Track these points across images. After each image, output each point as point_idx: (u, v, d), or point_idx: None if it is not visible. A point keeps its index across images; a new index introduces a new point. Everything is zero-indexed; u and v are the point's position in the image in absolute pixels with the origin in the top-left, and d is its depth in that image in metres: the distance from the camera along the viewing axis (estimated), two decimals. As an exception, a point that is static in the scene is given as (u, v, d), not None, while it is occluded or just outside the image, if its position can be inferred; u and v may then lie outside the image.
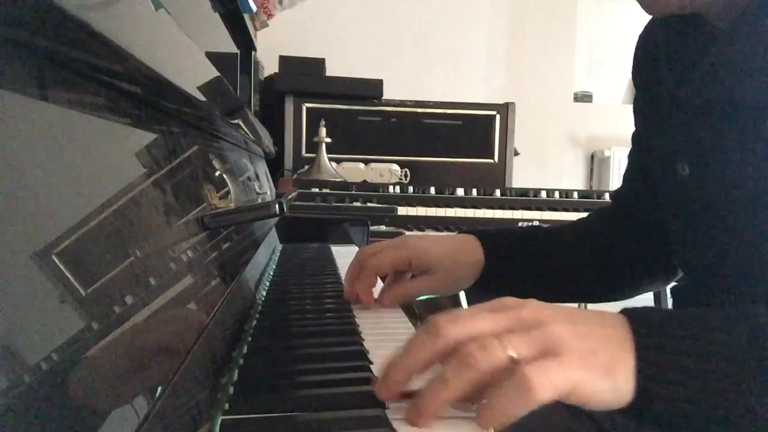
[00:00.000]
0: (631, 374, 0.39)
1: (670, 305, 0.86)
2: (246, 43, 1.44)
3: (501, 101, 2.20)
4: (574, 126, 2.91)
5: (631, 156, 0.83)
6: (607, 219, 0.86)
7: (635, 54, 0.77)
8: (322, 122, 1.86)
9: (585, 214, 0.94)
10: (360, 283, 0.67)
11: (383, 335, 0.58)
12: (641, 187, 0.79)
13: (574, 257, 0.82)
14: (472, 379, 0.37)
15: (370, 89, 2.10)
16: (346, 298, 0.68)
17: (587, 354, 0.38)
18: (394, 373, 0.40)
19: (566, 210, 1.78)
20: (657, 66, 0.69)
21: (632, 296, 0.85)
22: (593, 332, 0.40)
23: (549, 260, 0.80)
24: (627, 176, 0.85)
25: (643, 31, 0.76)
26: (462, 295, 1.46)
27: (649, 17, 0.72)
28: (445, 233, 1.63)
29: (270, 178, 1.32)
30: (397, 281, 0.70)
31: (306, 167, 1.89)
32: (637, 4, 0.59)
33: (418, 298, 0.76)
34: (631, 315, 0.42)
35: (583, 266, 0.82)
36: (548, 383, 0.36)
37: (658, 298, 1.86)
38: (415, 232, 1.62)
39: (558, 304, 0.42)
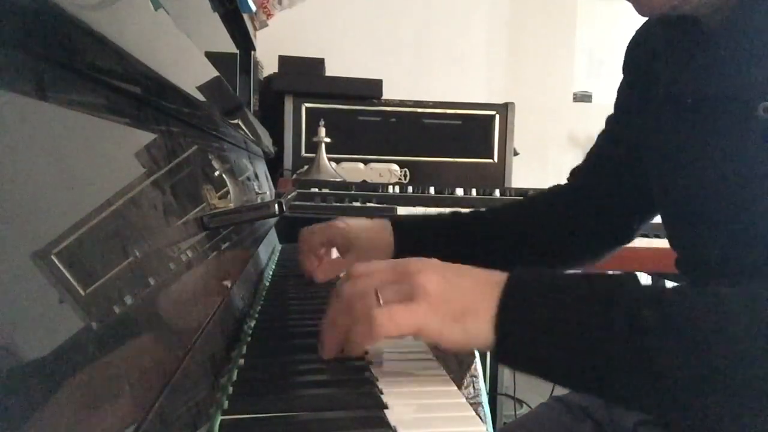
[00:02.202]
0: (485, 321, 0.45)
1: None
2: (245, 43, 1.44)
3: (500, 101, 2.20)
4: (573, 126, 2.90)
5: (602, 137, 0.86)
6: (558, 195, 0.90)
7: (629, 47, 0.78)
8: (322, 122, 1.85)
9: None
10: (308, 265, 0.80)
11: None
12: (601, 170, 0.84)
13: (487, 242, 0.86)
14: (349, 324, 0.47)
15: (370, 89, 2.09)
16: (309, 278, 0.80)
17: (440, 302, 0.45)
18: (328, 339, 0.49)
19: (566, 210, 1.77)
20: (652, 62, 0.69)
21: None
22: (458, 285, 0.46)
23: (457, 246, 0.85)
24: (592, 156, 0.88)
25: (641, 27, 0.77)
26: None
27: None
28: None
29: (269, 178, 1.32)
30: (323, 261, 0.82)
31: (305, 167, 1.88)
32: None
33: None
34: (511, 271, 0.48)
35: (498, 249, 0.86)
36: (391, 323, 0.44)
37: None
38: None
39: (452, 264, 0.49)
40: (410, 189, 1.76)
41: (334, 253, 0.84)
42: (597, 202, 0.84)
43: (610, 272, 0.49)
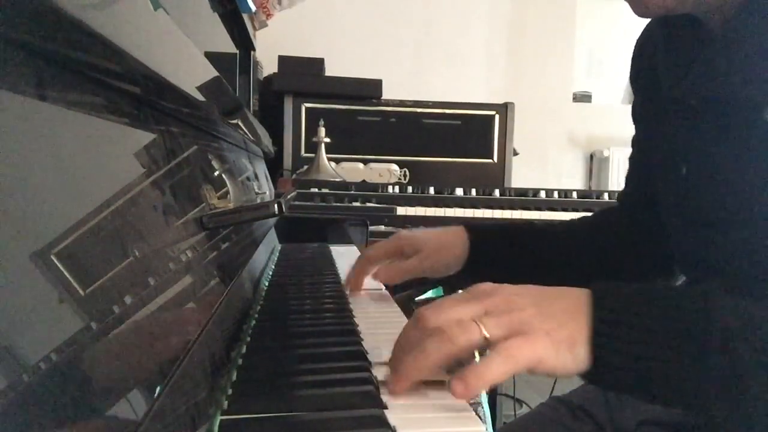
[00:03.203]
0: (588, 345, 0.45)
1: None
2: (245, 43, 1.44)
3: (500, 101, 2.20)
4: (573, 126, 2.91)
5: (632, 159, 0.85)
6: (610, 220, 0.88)
7: (633, 57, 0.78)
8: (321, 122, 1.85)
9: (584, 214, 0.95)
10: (353, 270, 0.79)
11: (382, 335, 0.58)
12: (643, 191, 0.81)
13: (561, 255, 0.85)
14: (450, 352, 0.44)
15: (370, 89, 2.09)
16: (346, 284, 0.79)
17: (550, 331, 0.45)
18: (396, 366, 0.46)
19: (565, 210, 1.77)
20: (655, 68, 0.69)
21: None
22: (556, 311, 0.46)
23: (533, 256, 0.84)
24: (629, 180, 0.86)
25: (641, 35, 0.77)
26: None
27: (647, 18, 0.72)
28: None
29: (269, 178, 1.32)
30: (390, 264, 0.80)
31: (305, 167, 1.88)
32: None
33: (417, 298, 0.80)
34: (594, 289, 0.48)
35: (571, 264, 0.85)
36: (522, 355, 0.44)
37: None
38: (414, 232, 1.62)
39: (527, 285, 0.49)
40: (410, 189, 1.76)
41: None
42: (646, 224, 0.81)
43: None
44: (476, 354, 0.46)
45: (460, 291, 0.50)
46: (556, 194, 1.82)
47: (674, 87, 0.64)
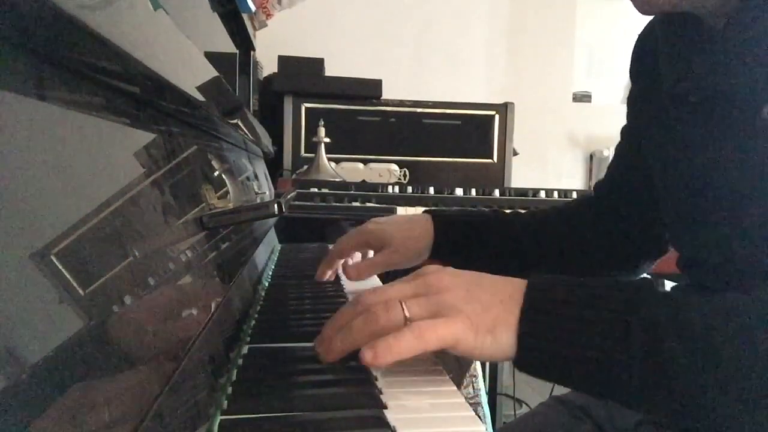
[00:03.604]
0: (513, 331, 0.46)
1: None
2: (245, 43, 1.44)
3: (500, 101, 2.20)
4: (573, 126, 2.91)
5: (619, 149, 0.86)
6: (586, 208, 0.89)
7: (634, 50, 0.78)
8: (321, 122, 1.85)
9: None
10: (323, 266, 0.82)
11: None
12: (625, 182, 0.83)
13: (527, 244, 0.86)
14: (373, 331, 0.46)
15: (369, 89, 2.09)
16: (316, 279, 0.82)
17: (472, 314, 0.46)
18: (325, 332, 0.50)
19: (565, 210, 1.77)
20: (656, 63, 0.69)
21: None
22: (483, 297, 0.47)
23: (497, 245, 0.85)
24: (612, 168, 0.87)
25: (642, 31, 0.77)
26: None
27: (647, 18, 0.72)
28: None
29: (269, 178, 1.32)
30: (359, 260, 0.82)
31: (305, 167, 1.88)
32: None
33: None
34: (530, 279, 0.48)
35: (535, 253, 0.86)
36: (434, 335, 0.45)
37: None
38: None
39: (471, 272, 0.50)
40: (410, 189, 1.76)
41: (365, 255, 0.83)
42: (622, 215, 0.84)
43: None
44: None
45: None
46: (556, 194, 1.82)
47: (675, 84, 0.64)
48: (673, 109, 0.66)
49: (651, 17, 0.73)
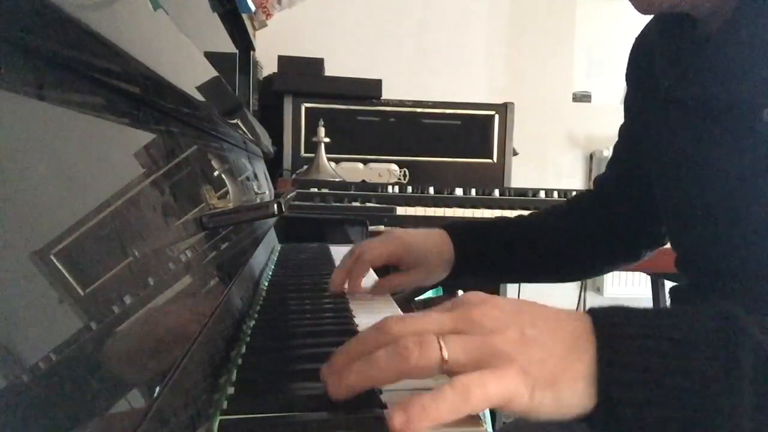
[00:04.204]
0: (583, 381, 0.38)
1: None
2: (245, 43, 1.44)
3: (500, 101, 2.20)
4: (573, 126, 2.91)
5: (617, 147, 0.87)
6: (588, 203, 0.91)
7: (631, 54, 0.79)
8: (321, 122, 1.85)
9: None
10: (353, 274, 0.74)
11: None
12: (624, 178, 0.85)
13: (544, 243, 0.87)
14: (401, 370, 0.38)
15: (369, 89, 2.09)
16: (332, 287, 0.73)
17: (528, 365, 0.37)
18: (336, 357, 0.40)
19: (565, 210, 1.77)
20: (652, 66, 0.70)
21: (604, 273, 0.96)
22: (542, 340, 0.38)
23: (517, 249, 0.85)
24: (611, 165, 0.89)
25: (639, 34, 0.78)
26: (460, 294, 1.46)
27: (647, 18, 0.72)
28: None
29: (269, 178, 1.32)
30: (388, 275, 0.77)
31: (305, 167, 1.88)
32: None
33: (416, 298, 0.80)
34: (594, 315, 0.40)
35: (554, 251, 0.88)
36: (483, 395, 0.36)
37: (657, 298, 1.86)
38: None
39: (520, 301, 0.41)
40: (409, 189, 1.76)
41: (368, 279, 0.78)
42: (621, 208, 0.85)
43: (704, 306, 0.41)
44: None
45: (460, 291, 0.46)
46: (555, 194, 1.82)
47: (672, 87, 0.64)
48: (669, 113, 0.66)
49: (650, 17, 0.73)
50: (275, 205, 0.56)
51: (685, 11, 0.61)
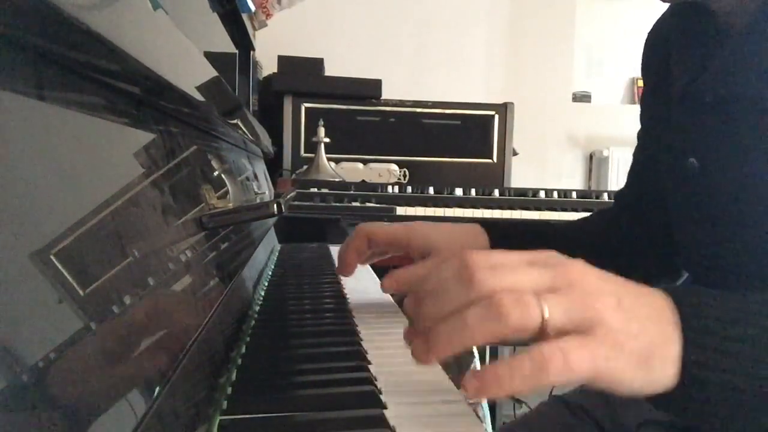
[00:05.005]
0: (672, 361, 0.36)
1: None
2: (245, 43, 1.44)
3: (500, 101, 2.20)
4: (572, 126, 2.91)
5: (636, 154, 0.82)
6: (608, 221, 0.86)
7: (644, 51, 0.77)
8: (321, 122, 1.85)
9: (584, 214, 0.94)
10: (349, 246, 0.67)
11: (382, 335, 0.58)
12: (646, 187, 0.78)
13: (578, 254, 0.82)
14: (498, 333, 0.34)
15: (369, 89, 2.09)
16: (341, 269, 0.68)
17: (626, 337, 0.35)
18: (419, 319, 0.37)
19: (565, 210, 1.77)
20: (667, 62, 0.68)
21: None
22: (638, 311, 0.36)
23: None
24: (631, 175, 0.84)
25: (652, 29, 0.76)
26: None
27: (651, 17, 0.72)
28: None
29: (269, 178, 1.32)
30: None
31: (305, 167, 1.88)
32: (636, 4, 0.59)
33: None
34: (672, 294, 0.38)
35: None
36: (565, 368, 0.33)
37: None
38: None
39: (603, 270, 0.39)
40: (409, 189, 1.77)
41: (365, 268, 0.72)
42: (645, 221, 0.79)
43: None
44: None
45: None
46: (555, 194, 1.83)
47: (689, 83, 0.63)
48: (685, 108, 0.65)
49: (650, 17, 0.73)
50: (275, 205, 0.56)
51: (708, 4, 0.60)
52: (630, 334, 0.35)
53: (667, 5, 0.69)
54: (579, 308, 0.35)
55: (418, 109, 2.14)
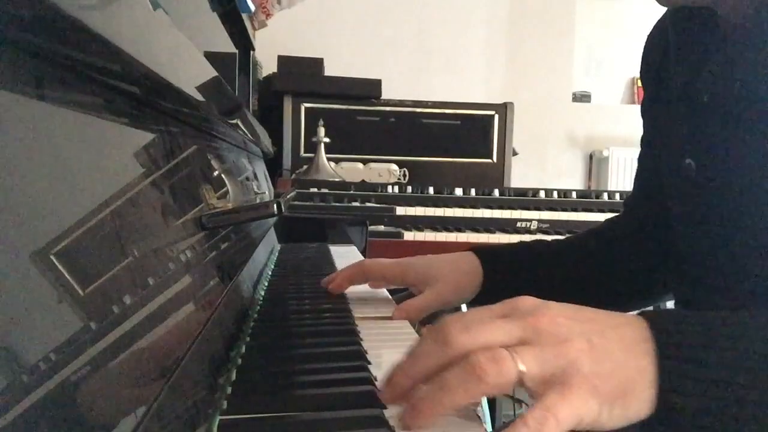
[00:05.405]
0: (648, 392, 0.37)
1: (669, 305, 0.86)
2: (244, 43, 1.44)
3: (499, 101, 2.20)
4: (572, 126, 2.91)
5: (641, 160, 0.82)
6: (620, 228, 0.85)
7: (644, 51, 0.76)
8: (321, 122, 1.85)
9: (584, 214, 0.94)
10: (343, 272, 0.72)
11: (382, 335, 0.58)
12: (653, 191, 0.78)
13: (577, 271, 0.81)
14: (478, 392, 0.36)
15: (369, 89, 2.10)
16: (327, 284, 0.72)
17: (600, 380, 0.36)
18: (398, 379, 0.39)
19: (565, 210, 1.77)
20: (666, 62, 0.68)
21: (645, 306, 0.84)
22: (611, 347, 0.38)
23: (549, 275, 0.80)
24: (637, 179, 0.83)
25: (652, 29, 0.76)
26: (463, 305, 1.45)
27: (651, 17, 0.72)
28: (443, 233, 1.63)
29: (268, 178, 1.32)
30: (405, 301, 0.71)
31: (305, 167, 1.89)
32: (637, 4, 0.59)
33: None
34: (650, 320, 0.40)
35: (589, 279, 0.81)
36: (557, 425, 0.35)
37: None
38: (413, 232, 1.62)
39: (573, 306, 0.41)
40: (409, 189, 1.77)
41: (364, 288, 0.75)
42: (654, 229, 0.78)
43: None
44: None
45: (463, 306, 0.41)
46: (555, 194, 1.83)
47: (687, 83, 0.63)
48: (683, 109, 0.65)
49: (650, 17, 0.72)
50: (275, 205, 0.56)
51: (705, 5, 0.60)
52: (603, 376, 0.37)
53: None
54: (551, 358, 0.37)
55: (418, 109, 2.14)
